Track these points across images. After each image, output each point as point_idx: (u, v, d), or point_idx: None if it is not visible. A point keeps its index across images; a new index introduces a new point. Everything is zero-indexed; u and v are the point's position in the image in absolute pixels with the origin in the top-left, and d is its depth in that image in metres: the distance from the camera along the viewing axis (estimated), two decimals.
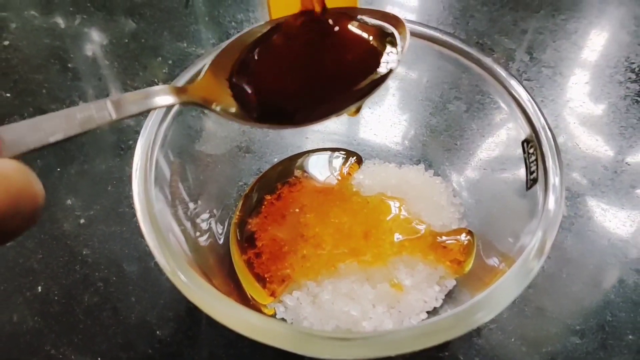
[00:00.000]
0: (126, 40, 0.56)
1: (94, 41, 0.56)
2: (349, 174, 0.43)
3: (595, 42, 0.57)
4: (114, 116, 0.23)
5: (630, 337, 0.37)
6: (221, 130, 0.40)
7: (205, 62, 0.32)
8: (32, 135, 0.20)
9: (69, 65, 0.53)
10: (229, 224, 0.40)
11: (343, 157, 0.45)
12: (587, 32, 0.58)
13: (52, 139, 0.21)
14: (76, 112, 0.22)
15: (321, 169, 0.44)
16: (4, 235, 0.18)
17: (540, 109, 0.33)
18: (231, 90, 0.30)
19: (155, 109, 0.26)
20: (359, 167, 0.44)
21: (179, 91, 0.27)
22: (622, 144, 0.48)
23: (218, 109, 0.29)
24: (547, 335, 0.37)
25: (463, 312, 0.25)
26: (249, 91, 0.30)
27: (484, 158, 0.40)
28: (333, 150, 0.45)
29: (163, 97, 0.26)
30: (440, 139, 0.42)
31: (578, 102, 0.51)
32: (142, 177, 0.30)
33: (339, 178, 0.42)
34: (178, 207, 0.33)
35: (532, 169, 0.32)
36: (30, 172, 0.19)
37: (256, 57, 0.31)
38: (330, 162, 0.44)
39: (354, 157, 0.44)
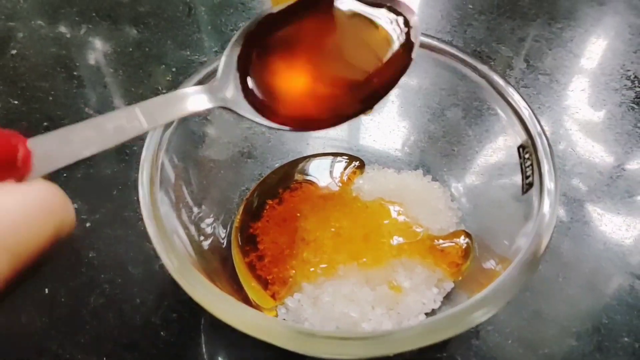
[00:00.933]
0: (130, 49, 0.57)
1: (99, 50, 0.57)
2: (349, 179, 0.44)
3: (591, 50, 0.58)
4: (145, 126, 0.21)
5: (625, 339, 0.37)
6: (224, 135, 0.41)
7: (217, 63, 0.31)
8: (64, 149, 0.18)
9: (75, 73, 0.54)
10: (232, 228, 0.40)
11: (345, 162, 0.45)
12: (583, 40, 0.59)
13: (86, 153, 0.19)
14: (106, 122, 0.20)
15: (322, 173, 0.44)
16: (42, 264, 0.17)
17: (535, 115, 0.34)
18: (246, 91, 0.29)
19: (188, 115, 0.24)
20: (362, 173, 0.44)
21: (211, 90, 0.26)
22: (618, 150, 0.49)
23: (246, 112, 0.29)
24: (544, 337, 0.37)
25: (461, 311, 0.26)
26: (267, 96, 0.30)
27: (481, 163, 0.40)
28: (335, 155, 0.46)
29: (196, 100, 0.24)
30: (438, 145, 0.43)
31: (574, 109, 0.52)
32: (148, 180, 0.30)
33: (340, 184, 0.43)
34: (182, 210, 0.34)
35: (528, 174, 0.33)
36: (66, 197, 0.18)
37: (268, 56, 0.30)
38: (332, 166, 0.45)
39: (357, 162, 0.45)
